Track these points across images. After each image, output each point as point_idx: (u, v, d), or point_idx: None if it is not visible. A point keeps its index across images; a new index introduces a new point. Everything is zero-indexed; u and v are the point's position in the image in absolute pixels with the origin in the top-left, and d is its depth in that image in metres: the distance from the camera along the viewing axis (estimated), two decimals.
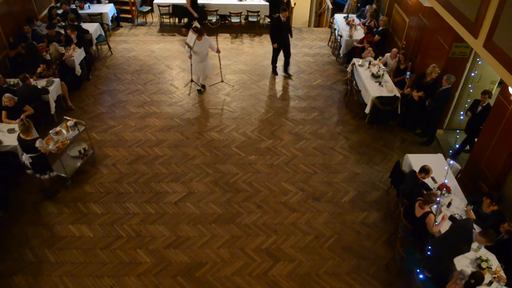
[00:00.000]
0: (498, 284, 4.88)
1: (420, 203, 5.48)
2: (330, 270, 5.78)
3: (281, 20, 9.38)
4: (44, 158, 6.35)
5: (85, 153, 7.29)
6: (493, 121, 6.34)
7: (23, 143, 6.23)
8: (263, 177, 7.26)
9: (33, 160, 6.26)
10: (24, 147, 6.27)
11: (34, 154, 6.20)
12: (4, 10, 9.28)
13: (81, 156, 7.24)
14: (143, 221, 6.41)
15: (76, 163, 7.18)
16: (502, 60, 4.27)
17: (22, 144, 6.27)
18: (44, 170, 6.45)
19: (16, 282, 5.48)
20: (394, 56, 9.01)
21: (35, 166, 6.37)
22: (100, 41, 10.84)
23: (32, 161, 6.27)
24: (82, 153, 7.24)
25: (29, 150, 6.21)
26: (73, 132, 6.95)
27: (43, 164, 6.40)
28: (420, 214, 5.47)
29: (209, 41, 8.85)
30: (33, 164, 6.31)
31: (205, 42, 8.71)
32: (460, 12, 5.18)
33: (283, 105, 9.12)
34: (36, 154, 6.22)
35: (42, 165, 6.41)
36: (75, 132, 6.97)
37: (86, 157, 7.31)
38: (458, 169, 6.71)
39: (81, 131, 7.08)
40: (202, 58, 8.84)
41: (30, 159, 6.25)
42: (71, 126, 6.93)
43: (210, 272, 5.72)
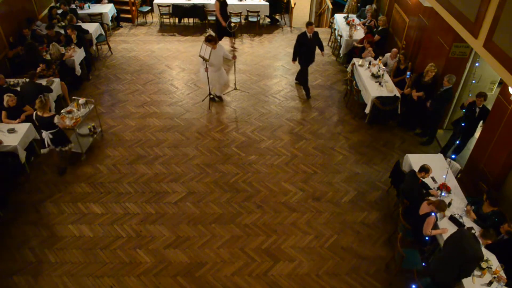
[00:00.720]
0: (498, 284, 4.88)
1: (430, 203, 5.46)
2: (330, 270, 5.78)
3: (307, 37, 8.62)
4: (62, 133, 6.91)
5: (94, 130, 7.80)
6: (493, 121, 6.34)
7: (41, 120, 6.61)
8: (263, 177, 7.26)
9: (53, 135, 6.75)
10: (43, 124, 6.69)
11: (53, 130, 6.69)
12: (4, 10, 9.28)
13: (91, 133, 7.75)
14: (143, 221, 6.41)
15: (88, 140, 7.69)
16: (502, 60, 4.27)
17: (41, 122, 6.65)
18: (64, 142, 6.94)
19: (16, 282, 5.48)
20: (394, 56, 9.01)
21: (55, 141, 6.85)
22: (100, 41, 10.84)
23: (52, 137, 6.75)
24: (92, 131, 7.75)
25: (48, 127, 6.67)
26: (84, 109, 7.44)
27: (62, 138, 6.93)
28: (423, 212, 5.46)
29: (223, 49, 8.51)
30: (53, 139, 6.79)
31: (220, 50, 8.34)
32: (460, 12, 5.18)
33: (283, 105, 9.12)
34: (55, 130, 6.72)
35: (62, 139, 6.92)
36: (86, 109, 7.46)
37: (96, 134, 7.84)
38: (458, 169, 6.71)
39: (91, 108, 7.55)
40: (218, 68, 8.49)
41: (50, 135, 6.72)
42: (82, 104, 7.41)
43: (210, 272, 5.72)
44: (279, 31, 12.71)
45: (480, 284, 4.92)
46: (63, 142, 6.93)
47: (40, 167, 7.31)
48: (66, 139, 6.98)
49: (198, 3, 11.97)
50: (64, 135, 6.95)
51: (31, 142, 7.29)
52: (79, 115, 7.27)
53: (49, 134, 6.73)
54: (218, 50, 8.25)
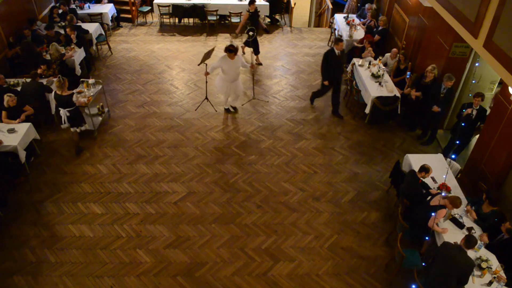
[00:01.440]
0: (498, 284, 4.88)
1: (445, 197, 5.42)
2: (330, 270, 5.78)
3: (335, 53, 8.06)
4: (79, 111, 7.41)
5: (102, 110, 8.32)
6: (493, 121, 6.34)
7: (60, 98, 7.11)
8: (263, 177, 7.26)
9: (70, 113, 7.23)
10: (61, 103, 7.18)
11: (70, 108, 7.18)
12: (4, 10, 9.28)
13: (100, 112, 8.30)
14: (143, 221, 6.41)
15: (97, 119, 8.25)
16: (502, 60, 4.27)
17: (59, 100, 7.15)
18: (80, 122, 7.47)
19: (16, 282, 5.48)
20: (394, 56, 9.01)
21: (72, 119, 7.34)
22: (100, 41, 10.84)
23: (69, 114, 7.23)
24: (100, 110, 8.30)
25: (65, 105, 7.18)
26: (94, 89, 8.06)
27: (78, 117, 7.43)
28: (435, 203, 5.41)
29: (241, 59, 8.20)
30: (70, 117, 7.28)
31: (238, 60, 8.03)
32: (460, 12, 5.18)
33: (283, 105, 9.12)
34: (72, 108, 7.21)
35: (78, 118, 7.42)
36: (96, 89, 8.09)
37: (104, 114, 8.35)
38: (458, 169, 6.71)
39: (99, 88, 8.16)
40: (234, 78, 8.16)
41: (68, 113, 7.21)
42: (92, 84, 8.06)
43: (210, 272, 5.72)
44: (279, 31, 12.71)
45: (480, 284, 4.92)
46: (79, 121, 7.44)
47: (40, 167, 7.31)
48: (81, 117, 7.50)
49: (198, 3, 11.97)
50: (80, 114, 7.47)
51: (31, 142, 7.29)
52: (90, 94, 7.85)
53: (67, 112, 7.21)
54: (236, 61, 7.98)
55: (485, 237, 5.33)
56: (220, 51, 11.19)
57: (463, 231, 5.53)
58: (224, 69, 8.01)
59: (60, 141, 7.91)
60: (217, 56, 11.04)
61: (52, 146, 7.80)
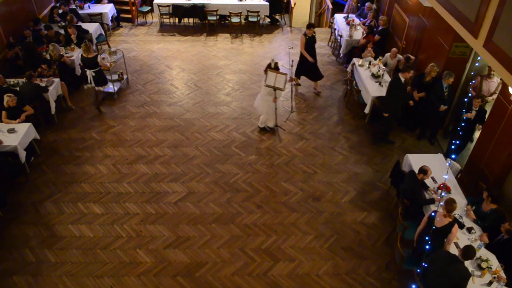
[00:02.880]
0: (498, 284, 4.88)
1: (444, 214, 5.10)
2: (330, 270, 5.78)
3: (401, 83, 7.29)
4: (102, 72, 8.36)
5: (122, 76, 9.45)
6: (493, 121, 6.34)
7: (86, 60, 8.10)
8: (263, 177, 7.26)
9: (95, 74, 8.17)
10: (87, 64, 8.12)
11: (95, 69, 8.13)
12: (4, 10, 9.28)
13: (120, 79, 9.37)
14: (143, 221, 6.41)
15: (117, 84, 9.30)
16: (502, 60, 4.27)
17: (86, 62, 8.11)
18: (103, 82, 8.40)
19: (16, 282, 5.48)
20: (394, 56, 9.00)
21: (97, 79, 8.26)
22: (100, 41, 10.84)
23: (94, 75, 8.16)
24: (120, 77, 9.40)
25: (91, 66, 8.12)
26: (116, 56, 9.18)
27: (102, 77, 8.36)
28: (443, 224, 5.08)
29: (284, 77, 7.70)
30: (94, 78, 8.21)
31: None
32: (460, 12, 5.18)
33: (283, 105, 9.11)
34: (97, 69, 8.17)
35: (102, 78, 8.36)
36: (117, 56, 9.21)
37: (123, 80, 9.46)
38: (458, 169, 6.71)
39: (120, 56, 9.30)
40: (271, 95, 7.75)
41: (93, 73, 8.14)
42: (113, 52, 9.21)
43: (210, 272, 5.72)
44: (279, 31, 12.71)
45: (480, 284, 4.92)
46: (102, 81, 8.36)
47: (40, 167, 7.31)
48: (105, 78, 8.44)
49: (198, 3, 11.97)
50: (103, 75, 8.39)
51: (31, 142, 7.29)
52: (112, 60, 8.99)
53: (92, 73, 8.13)
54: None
55: (485, 237, 5.33)
56: (220, 51, 11.22)
57: (463, 231, 5.53)
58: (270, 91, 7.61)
59: (60, 141, 7.91)
60: (217, 56, 11.08)
61: (52, 146, 7.80)
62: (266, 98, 7.74)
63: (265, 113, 8.04)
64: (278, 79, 7.43)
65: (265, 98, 7.79)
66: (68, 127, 8.28)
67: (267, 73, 7.51)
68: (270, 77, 7.48)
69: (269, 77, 7.48)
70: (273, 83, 7.46)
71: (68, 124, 8.38)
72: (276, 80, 7.43)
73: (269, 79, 7.49)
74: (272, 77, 7.45)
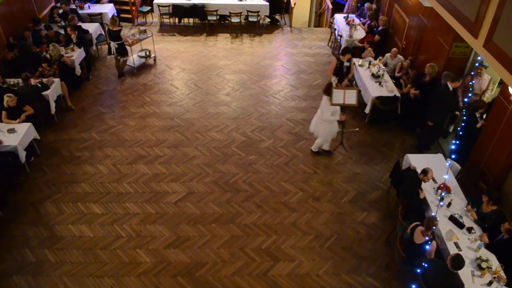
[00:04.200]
0: (498, 284, 4.88)
1: (422, 231, 5.09)
2: (330, 270, 5.78)
3: (450, 91, 6.97)
4: (124, 45, 9.58)
5: (148, 54, 10.40)
6: (493, 121, 6.34)
7: (111, 32, 9.39)
8: (263, 177, 7.26)
9: (118, 46, 9.46)
10: (112, 36, 9.44)
11: (118, 42, 9.39)
12: (4, 10, 9.27)
13: (146, 56, 10.39)
14: (143, 221, 6.41)
15: (141, 60, 10.40)
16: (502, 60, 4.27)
17: (110, 34, 9.46)
18: (124, 54, 9.68)
19: (16, 282, 5.48)
20: (394, 56, 9.00)
21: (119, 50, 9.55)
22: (100, 41, 10.84)
23: (117, 46, 9.46)
24: (146, 54, 10.38)
25: (115, 38, 9.39)
26: (143, 35, 10.17)
27: (123, 50, 9.61)
28: (422, 242, 5.10)
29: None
30: (117, 49, 9.50)
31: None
32: (460, 12, 5.18)
33: (283, 105, 9.12)
34: (120, 42, 9.43)
35: (123, 50, 9.61)
36: (144, 36, 10.20)
37: (149, 58, 10.45)
38: (458, 169, 6.71)
39: (148, 36, 10.28)
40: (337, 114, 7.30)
41: (116, 45, 9.45)
42: (142, 31, 10.21)
43: (210, 272, 5.72)
44: (279, 31, 12.71)
45: (480, 284, 4.92)
46: (123, 53, 9.60)
47: (40, 167, 7.31)
48: (125, 50, 9.67)
49: (198, 3, 11.96)
50: (125, 47, 9.61)
51: (31, 142, 7.29)
52: (137, 37, 9.99)
53: (115, 44, 9.43)
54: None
55: (485, 237, 5.33)
56: (220, 51, 11.22)
57: (463, 231, 5.53)
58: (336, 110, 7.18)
59: (60, 141, 7.91)
60: (217, 56, 11.08)
61: (52, 146, 7.80)
62: (330, 119, 7.16)
63: (324, 136, 7.45)
64: (348, 95, 7.02)
65: (327, 120, 7.20)
66: (68, 127, 8.28)
67: (333, 92, 6.94)
68: (337, 95, 7.00)
69: (336, 95, 6.98)
70: (343, 101, 7.02)
71: (68, 124, 8.38)
72: (346, 97, 7.01)
73: (336, 98, 6.99)
74: (339, 95, 7.01)
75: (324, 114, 7.13)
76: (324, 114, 7.13)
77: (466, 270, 4.93)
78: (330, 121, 7.22)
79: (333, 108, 7.07)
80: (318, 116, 7.37)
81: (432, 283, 4.73)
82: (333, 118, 7.15)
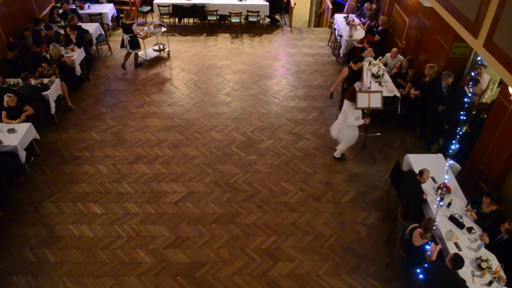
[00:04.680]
0: (498, 284, 4.88)
1: (421, 233, 5.06)
2: (330, 270, 5.78)
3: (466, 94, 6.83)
4: (136, 38, 9.90)
5: (162, 48, 10.62)
6: (493, 121, 6.34)
7: (124, 25, 9.71)
8: (263, 177, 7.26)
9: (130, 38, 9.80)
10: (124, 29, 9.77)
11: (130, 34, 9.75)
12: (4, 10, 9.27)
13: (159, 50, 10.58)
14: (143, 221, 6.41)
15: (155, 53, 10.66)
16: (502, 60, 4.27)
17: (123, 27, 9.79)
18: (136, 47, 10.00)
19: (16, 282, 5.48)
20: (394, 56, 9.00)
21: (131, 43, 9.90)
22: (100, 41, 10.84)
23: (129, 39, 9.80)
24: (160, 48, 10.60)
25: (127, 31, 9.73)
26: (156, 29, 10.30)
27: (135, 43, 9.94)
28: (420, 244, 5.09)
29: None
30: (130, 41, 9.85)
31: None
32: (460, 12, 5.18)
33: (283, 105, 9.12)
34: (132, 35, 9.77)
35: (135, 43, 9.95)
36: (158, 30, 10.34)
37: (163, 51, 10.67)
38: (458, 169, 6.71)
39: (163, 31, 10.46)
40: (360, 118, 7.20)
41: (128, 37, 9.79)
42: (157, 25, 10.39)
43: (210, 272, 5.72)
44: (279, 31, 12.71)
45: (480, 284, 4.92)
46: (135, 46, 9.93)
47: (40, 167, 7.31)
48: (138, 43, 9.98)
49: (198, 3, 11.96)
50: (137, 40, 9.92)
51: (31, 142, 7.29)
52: (150, 31, 10.12)
53: (128, 37, 9.76)
54: None
55: (485, 237, 5.33)
56: (220, 51, 11.22)
57: (463, 231, 5.53)
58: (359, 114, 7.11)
59: (60, 141, 7.91)
60: (217, 56, 11.09)
61: (52, 146, 7.80)
62: (355, 124, 7.05)
63: (348, 142, 7.34)
64: (373, 98, 6.95)
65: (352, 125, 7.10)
66: (68, 127, 8.28)
67: (357, 96, 6.84)
68: (362, 99, 6.90)
69: (360, 99, 6.88)
70: (368, 104, 6.96)
71: (68, 124, 8.38)
72: (371, 100, 6.94)
73: (360, 102, 6.88)
74: (364, 98, 6.93)
75: (348, 119, 7.00)
76: (348, 119, 7.00)
77: (466, 270, 4.93)
78: (354, 126, 7.13)
79: (357, 113, 7.00)
80: (341, 121, 7.26)
81: (433, 284, 4.73)
82: (357, 123, 7.05)
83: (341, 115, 7.31)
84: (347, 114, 7.03)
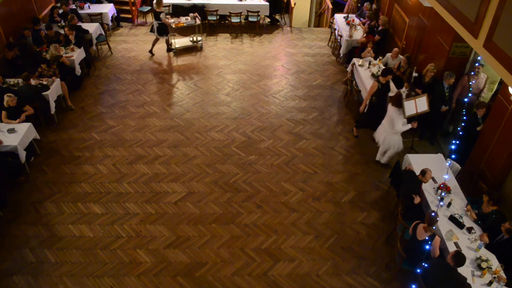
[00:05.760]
0: (498, 284, 4.88)
1: (425, 227, 5.08)
2: (330, 270, 5.78)
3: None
4: (164, 26, 10.31)
5: (196, 40, 11.23)
6: (493, 121, 6.34)
7: (155, 13, 10.14)
8: (263, 177, 7.26)
9: (158, 25, 10.23)
10: (155, 16, 10.22)
11: (159, 22, 10.15)
12: (4, 10, 9.27)
13: (193, 41, 11.23)
14: (143, 221, 6.41)
15: (188, 43, 11.27)
16: (502, 60, 4.27)
17: (154, 14, 10.22)
18: (163, 33, 10.47)
19: (16, 282, 5.48)
20: (395, 56, 8.99)
21: (159, 29, 10.32)
22: (100, 41, 10.83)
23: (157, 25, 10.24)
24: (193, 41, 11.23)
25: (157, 18, 10.15)
26: (191, 21, 10.81)
27: (164, 30, 10.40)
28: (424, 237, 5.12)
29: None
30: (158, 28, 10.28)
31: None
32: (460, 12, 5.17)
33: (283, 105, 9.12)
34: (160, 22, 10.17)
35: (163, 30, 10.39)
36: (190, 22, 10.80)
37: (196, 43, 11.25)
38: (458, 169, 6.71)
39: (196, 23, 10.88)
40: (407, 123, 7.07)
41: (157, 24, 10.24)
42: (192, 17, 10.87)
43: (210, 272, 5.72)
44: (279, 31, 12.71)
45: (480, 284, 4.92)
46: (163, 33, 10.44)
47: (40, 167, 7.31)
48: (166, 31, 10.45)
49: (198, 3, 11.95)
50: (165, 28, 10.36)
51: (31, 142, 7.29)
52: (180, 21, 10.71)
53: (157, 23, 10.21)
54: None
55: (485, 237, 5.33)
56: (220, 51, 11.22)
57: (463, 231, 5.53)
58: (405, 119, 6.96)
59: (60, 141, 7.91)
60: (216, 56, 11.09)
61: (52, 146, 7.80)
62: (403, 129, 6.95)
63: (397, 147, 7.24)
64: (419, 103, 6.87)
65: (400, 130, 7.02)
66: (68, 127, 8.28)
67: (404, 105, 6.70)
68: (409, 106, 6.77)
69: (408, 106, 6.74)
70: (415, 110, 6.88)
71: (68, 124, 8.38)
72: (418, 106, 6.87)
73: (408, 110, 6.76)
74: (411, 105, 6.80)
75: (396, 126, 6.91)
76: (396, 126, 6.91)
77: (466, 270, 4.93)
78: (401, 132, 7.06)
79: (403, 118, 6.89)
80: (386, 128, 7.14)
81: (434, 283, 4.73)
82: (405, 128, 6.95)
83: (385, 121, 7.17)
84: (394, 120, 6.90)
